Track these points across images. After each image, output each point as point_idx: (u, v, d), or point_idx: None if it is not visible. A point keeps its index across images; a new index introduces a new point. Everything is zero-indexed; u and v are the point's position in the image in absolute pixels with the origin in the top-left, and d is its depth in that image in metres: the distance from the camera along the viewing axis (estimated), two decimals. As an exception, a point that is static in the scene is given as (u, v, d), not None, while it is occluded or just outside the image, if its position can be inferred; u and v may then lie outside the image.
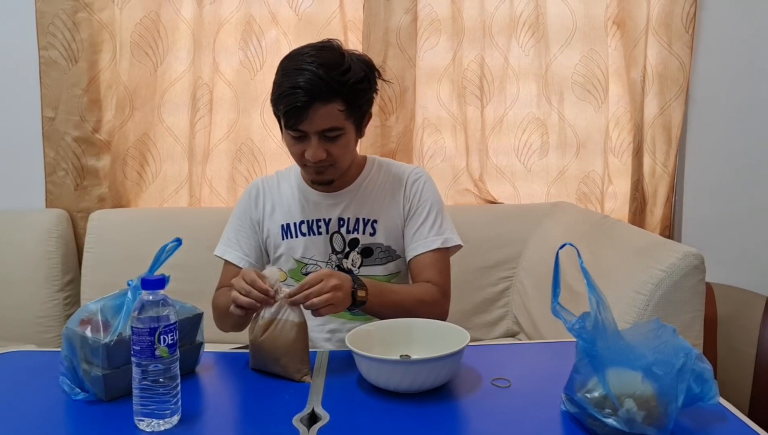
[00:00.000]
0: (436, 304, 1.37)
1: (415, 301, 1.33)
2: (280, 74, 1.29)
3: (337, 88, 1.25)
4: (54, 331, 2.05)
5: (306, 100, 1.23)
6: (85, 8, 2.06)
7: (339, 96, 1.26)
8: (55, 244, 2.08)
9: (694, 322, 1.44)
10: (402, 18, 2.09)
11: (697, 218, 2.26)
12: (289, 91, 1.24)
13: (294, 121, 1.27)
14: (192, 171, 2.19)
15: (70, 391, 1.04)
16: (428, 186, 1.46)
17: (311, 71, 1.24)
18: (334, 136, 1.30)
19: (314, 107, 1.24)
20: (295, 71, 1.25)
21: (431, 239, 1.41)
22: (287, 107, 1.25)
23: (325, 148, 1.30)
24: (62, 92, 2.10)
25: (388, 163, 1.50)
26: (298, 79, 1.24)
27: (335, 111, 1.27)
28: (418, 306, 1.32)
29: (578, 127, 2.22)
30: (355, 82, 1.28)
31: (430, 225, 1.42)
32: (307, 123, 1.26)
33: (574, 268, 0.99)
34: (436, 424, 0.96)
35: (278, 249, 1.44)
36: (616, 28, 2.17)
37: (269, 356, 1.12)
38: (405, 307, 1.29)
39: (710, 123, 2.22)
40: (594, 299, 0.90)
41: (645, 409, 0.86)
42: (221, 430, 0.99)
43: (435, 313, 1.30)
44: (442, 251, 1.41)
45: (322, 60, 1.26)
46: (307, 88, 1.23)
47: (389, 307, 1.28)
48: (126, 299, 1.04)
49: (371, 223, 1.42)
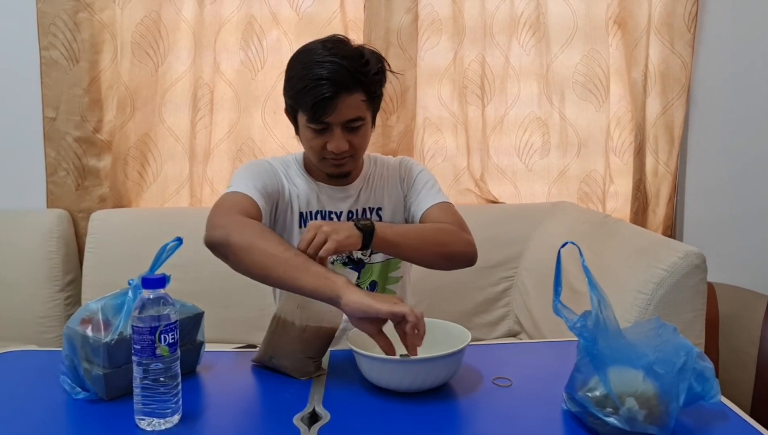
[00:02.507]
0: (456, 234, 1.34)
1: (436, 230, 1.32)
2: (298, 68, 1.29)
3: (361, 78, 1.27)
4: (55, 331, 2.05)
5: (333, 91, 1.24)
6: (86, 8, 2.06)
7: (361, 87, 1.28)
8: (56, 245, 2.08)
9: (696, 321, 1.44)
10: (403, 18, 2.09)
11: (698, 218, 2.26)
12: (314, 83, 1.24)
13: (321, 113, 1.26)
14: (193, 171, 2.19)
15: (70, 391, 1.03)
16: (417, 164, 1.50)
17: (335, 63, 1.24)
18: (357, 127, 1.31)
19: (341, 98, 1.25)
20: (317, 63, 1.25)
21: (435, 196, 1.42)
22: (315, 99, 1.24)
23: (348, 139, 1.31)
24: (63, 92, 2.10)
25: (376, 157, 1.52)
26: (322, 72, 1.23)
27: (359, 101, 1.28)
28: (440, 235, 1.31)
29: (579, 127, 2.21)
30: (374, 74, 1.30)
31: (429, 187, 1.44)
32: (334, 114, 1.27)
33: (576, 267, 0.99)
34: (437, 423, 0.96)
35: (291, 236, 1.40)
36: (617, 27, 2.17)
37: (288, 347, 1.11)
38: (424, 236, 1.29)
39: (712, 122, 2.22)
40: (595, 298, 0.90)
41: (646, 408, 0.86)
42: (222, 429, 0.98)
43: (459, 241, 1.31)
44: (447, 204, 1.42)
45: (343, 52, 1.27)
46: (334, 79, 1.23)
47: (406, 235, 1.26)
48: (127, 298, 1.04)
49: (376, 211, 1.44)
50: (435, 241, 1.29)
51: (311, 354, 1.12)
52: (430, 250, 1.29)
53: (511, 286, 2.09)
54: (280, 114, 2.16)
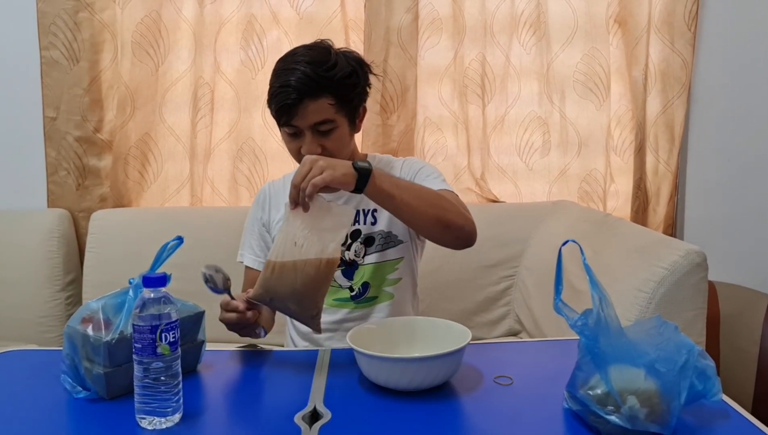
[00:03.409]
0: (456, 206, 1.30)
1: (434, 194, 1.29)
2: (273, 76, 1.35)
3: (325, 83, 1.29)
4: (56, 331, 2.05)
5: (295, 97, 1.28)
6: (86, 8, 2.06)
7: (327, 91, 1.30)
8: (56, 244, 2.08)
9: (697, 319, 1.44)
10: (403, 17, 2.09)
11: (699, 217, 2.26)
12: (279, 90, 1.30)
13: (286, 118, 1.31)
14: (193, 170, 2.19)
15: (71, 390, 1.04)
16: (421, 161, 1.50)
17: (300, 70, 1.29)
18: (327, 130, 1.32)
19: (304, 103, 1.29)
20: (285, 71, 1.31)
21: (437, 184, 1.39)
22: (278, 105, 1.30)
23: (320, 143, 1.32)
24: (63, 92, 2.10)
25: (387, 158, 1.53)
26: (289, 78, 1.29)
27: (325, 105, 1.30)
28: (439, 200, 1.27)
29: (580, 126, 2.21)
30: (342, 77, 1.31)
31: (433, 177, 1.42)
32: (298, 118, 1.30)
33: (577, 265, 0.99)
34: (438, 421, 0.96)
35: None
36: (617, 26, 2.17)
37: (287, 289, 1.11)
38: (422, 195, 1.25)
39: (713, 121, 2.22)
40: (596, 296, 0.90)
41: (648, 406, 0.85)
42: (223, 428, 0.98)
43: (458, 213, 1.27)
44: (450, 192, 1.38)
45: (309, 58, 1.31)
46: (296, 85, 1.28)
47: (403, 189, 1.23)
48: (127, 297, 1.04)
49: (371, 213, 1.44)
50: (433, 204, 1.25)
51: (311, 293, 1.12)
52: (426, 211, 1.24)
53: (511, 285, 2.09)
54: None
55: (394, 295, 1.46)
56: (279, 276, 1.12)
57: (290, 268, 1.11)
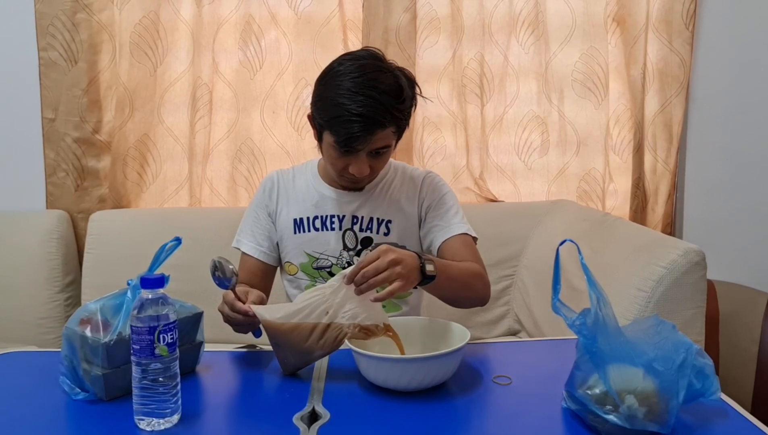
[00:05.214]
0: (483, 279, 1.36)
1: (471, 275, 1.32)
2: (332, 93, 1.26)
3: (396, 115, 1.27)
4: (55, 332, 2.05)
5: (368, 129, 1.24)
6: (85, 9, 2.06)
7: (394, 122, 1.28)
8: (55, 246, 2.08)
9: (696, 318, 1.44)
10: (401, 17, 2.09)
11: (698, 216, 2.26)
12: (348, 116, 1.23)
13: (351, 144, 1.27)
14: (192, 171, 2.19)
15: (70, 391, 1.03)
16: (443, 183, 1.50)
17: (373, 98, 1.23)
18: (382, 153, 1.32)
19: (373, 133, 1.26)
20: (353, 94, 1.23)
21: (457, 225, 1.41)
22: (348, 134, 1.24)
23: (370, 164, 1.32)
24: (62, 93, 2.10)
25: (403, 166, 1.52)
26: (359, 109, 1.22)
27: (389, 133, 1.30)
28: (474, 280, 1.32)
29: (578, 125, 2.21)
30: (409, 108, 1.32)
31: (453, 213, 1.43)
32: (362, 143, 1.27)
33: (575, 265, 0.99)
34: (437, 421, 0.96)
35: (290, 242, 1.45)
36: (615, 25, 2.17)
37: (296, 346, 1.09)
38: (464, 282, 1.30)
39: (711, 120, 2.22)
40: (594, 295, 0.90)
41: (646, 405, 0.86)
42: (221, 429, 0.98)
43: (484, 287, 1.35)
44: (469, 237, 1.42)
45: (383, 86, 1.25)
46: (369, 116, 1.23)
47: (454, 279, 1.25)
48: (125, 298, 1.04)
49: (385, 223, 1.43)
50: (468, 285, 1.31)
51: (315, 357, 1.10)
52: (460, 294, 1.32)
53: (510, 285, 2.09)
54: (279, 114, 2.18)
55: (403, 309, 1.46)
56: (298, 333, 1.09)
57: (312, 329, 1.08)
